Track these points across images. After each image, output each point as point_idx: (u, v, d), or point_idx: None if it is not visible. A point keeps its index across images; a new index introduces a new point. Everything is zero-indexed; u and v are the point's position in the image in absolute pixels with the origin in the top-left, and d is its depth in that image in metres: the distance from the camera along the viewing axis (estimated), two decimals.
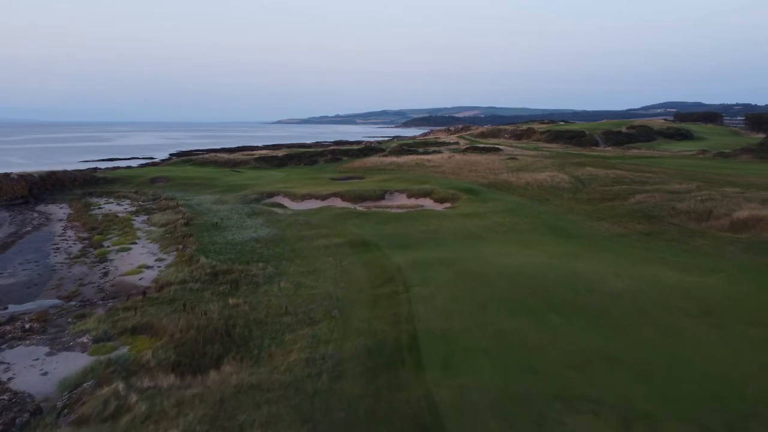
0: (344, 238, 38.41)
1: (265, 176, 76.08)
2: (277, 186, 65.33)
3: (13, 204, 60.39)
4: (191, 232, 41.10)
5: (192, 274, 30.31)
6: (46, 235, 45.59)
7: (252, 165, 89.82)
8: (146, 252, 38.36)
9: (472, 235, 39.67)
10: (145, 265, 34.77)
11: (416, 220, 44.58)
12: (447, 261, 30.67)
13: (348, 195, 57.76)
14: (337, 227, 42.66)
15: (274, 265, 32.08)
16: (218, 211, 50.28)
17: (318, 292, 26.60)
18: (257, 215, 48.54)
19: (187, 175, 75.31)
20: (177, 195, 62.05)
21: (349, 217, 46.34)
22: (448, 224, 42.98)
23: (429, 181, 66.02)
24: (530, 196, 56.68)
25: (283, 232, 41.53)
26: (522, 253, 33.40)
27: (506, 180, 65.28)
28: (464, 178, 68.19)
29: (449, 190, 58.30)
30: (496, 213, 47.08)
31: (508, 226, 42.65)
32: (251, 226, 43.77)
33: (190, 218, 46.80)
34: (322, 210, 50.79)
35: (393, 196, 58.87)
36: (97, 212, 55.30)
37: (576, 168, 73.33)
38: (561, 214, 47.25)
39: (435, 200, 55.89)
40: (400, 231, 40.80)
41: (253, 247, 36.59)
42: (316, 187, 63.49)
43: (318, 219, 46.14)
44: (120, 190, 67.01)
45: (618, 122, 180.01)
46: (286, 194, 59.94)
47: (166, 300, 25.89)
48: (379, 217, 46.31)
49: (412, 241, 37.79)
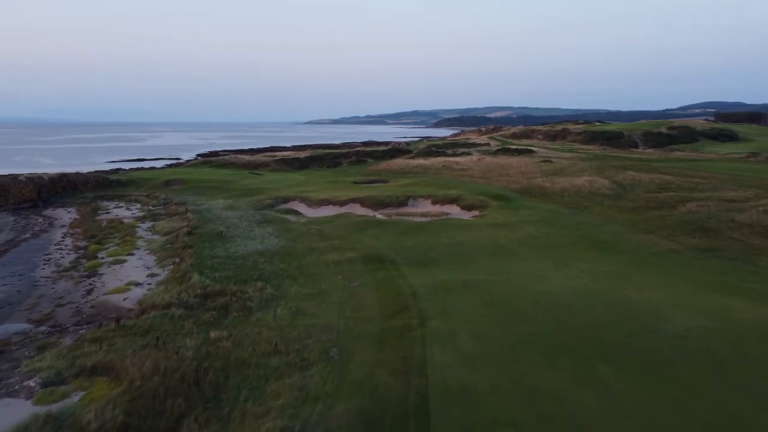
0: (358, 252, 34.41)
1: (284, 179, 72.60)
2: (294, 190, 61.72)
3: (21, 208, 58.04)
4: (192, 243, 37.60)
5: (180, 296, 26.65)
6: (43, 243, 42.71)
7: (272, 167, 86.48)
8: (141, 265, 34.97)
9: (502, 249, 35.26)
10: (135, 281, 31.30)
11: (440, 231, 40.33)
12: (472, 284, 26.39)
13: (368, 201, 53.77)
14: (352, 239, 38.69)
15: (274, 285, 28.23)
16: (227, 218, 46.81)
17: (318, 323, 22.62)
18: (268, 223, 44.89)
19: (204, 178, 72.27)
20: (189, 199, 58.93)
21: (367, 227, 42.31)
22: (475, 236, 38.64)
23: (456, 185, 61.59)
24: (567, 204, 51.83)
25: (292, 244, 37.73)
26: (560, 274, 28.88)
27: (540, 185, 60.43)
28: (494, 183, 63.57)
29: (478, 196, 53.83)
30: (528, 223, 42.51)
31: (543, 238, 38.08)
32: (259, 236, 40.10)
33: (196, 226, 43.40)
34: (339, 218, 46.88)
35: (417, 202, 54.65)
36: (104, 217, 52.46)
37: (616, 172, 67.96)
38: (602, 224, 42.41)
39: (462, 207, 51.49)
40: (422, 244, 36.63)
41: (255, 262, 32.82)
42: (335, 192, 59.69)
43: (332, 228, 42.23)
44: (132, 194, 64.26)
45: (657, 122, 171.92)
46: (303, 199, 56.25)
47: (140, 330, 22.22)
48: (400, 227, 42.17)
49: (434, 256, 33.59)
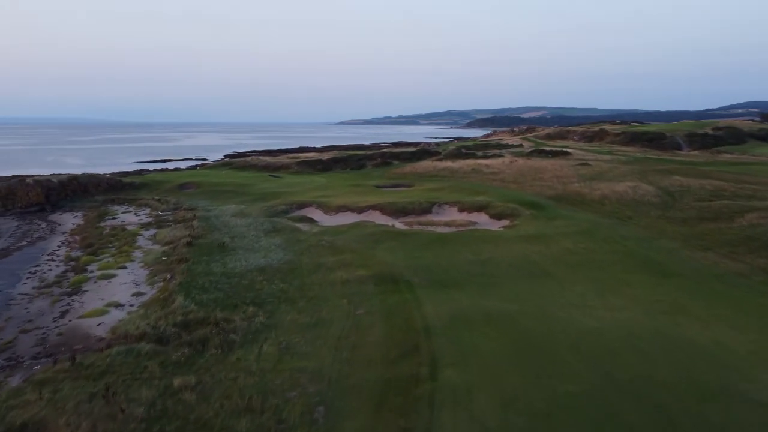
0: (370, 270, 30.35)
1: (304, 182, 69.00)
2: (312, 195, 58.00)
3: (29, 212, 55.73)
4: (189, 256, 34.08)
5: (157, 324, 23.01)
6: (37, 252, 39.84)
7: (294, 169, 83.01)
8: (129, 281, 31.56)
9: (535, 268, 30.75)
10: (117, 302, 27.83)
11: (465, 245, 35.97)
12: (497, 316, 22.08)
13: (389, 208, 49.65)
14: (366, 253, 34.63)
15: (267, 312, 24.38)
16: (234, 227, 43.29)
17: (308, 366, 18.64)
18: (277, 233, 41.18)
19: (220, 181, 69.20)
20: (200, 204, 55.76)
21: (384, 239, 38.19)
22: (504, 251, 34.17)
23: (485, 191, 57.00)
24: (608, 213, 46.81)
25: (298, 258, 33.88)
26: (604, 304, 24.31)
27: (577, 191, 55.42)
28: (527, 189, 58.75)
29: (508, 203, 49.19)
30: (565, 236, 37.79)
31: (582, 254, 33.38)
32: (264, 248, 36.38)
33: (198, 235, 39.97)
34: (355, 227, 42.88)
35: (441, 209, 50.29)
36: (109, 223, 49.58)
37: (661, 177, 62.42)
38: (650, 238, 37.44)
39: (491, 216, 46.96)
40: (443, 260, 32.35)
41: (252, 281, 29.05)
42: (355, 197, 55.76)
43: (346, 240, 38.25)
44: (144, 197, 61.49)
45: (700, 123, 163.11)
46: (320, 205, 52.46)
47: (96, 372, 18.57)
48: (420, 239, 37.94)
49: (456, 276, 29.29)
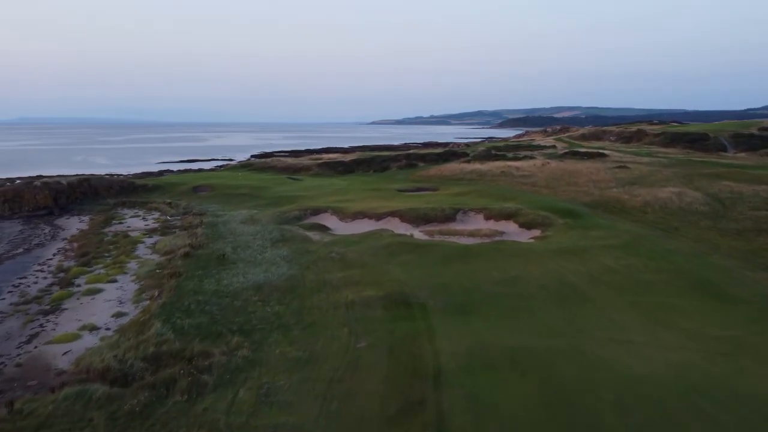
0: (381, 290, 26.75)
1: (323, 185, 65.72)
2: (329, 200, 54.64)
3: (36, 215, 53.71)
4: (183, 269, 30.96)
5: (124, 356, 19.85)
6: (29, 261, 37.37)
7: (314, 171, 79.87)
8: (114, 299, 28.58)
9: (570, 290, 26.71)
10: (93, 325, 24.81)
11: (490, 260, 32.04)
12: (525, 357, 18.25)
13: (409, 215, 45.94)
14: (378, 268, 31.01)
15: (254, 343, 20.99)
16: (240, 235, 40.15)
17: (287, 422, 15.14)
18: (285, 242, 37.88)
19: (235, 184, 66.40)
20: (211, 209, 52.93)
21: (400, 251, 34.50)
22: (534, 268, 30.15)
23: (515, 196, 52.81)
24: (651, 223, 42.28)
25: (302, 274, 30.47)
26: (654, 340, 20.24)
27: (616, 197, 50.82)
28: (560, 194, 54.33)
29: (540, 210, 44.97)
30: (604, 250, 33.53)
31: (624, 273, 29.16)
32: (267, 260, 33.08)
33: (200, 245, 36.94)
34: (370, 237, 39.31)
35: (466, 217, 46.35)
36: (113, 229, 47.05)
37: (709, 182, 57.33)
38: (702, 254, 32.98)
39: (520, 225, 42.84)
40: (464, 278, 28.52)
41: (246, 302, 25.72)
42: (375, 202, 52.22)
43: (358, 252, 34.71)
44: (155, 201, 59.03)
45: (745, 123, 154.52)
46: (335, 211, 49.04)
47: (31, 426, 15.40)
48: (440, 252, 34.12)
49: (478, 299, 25.47)
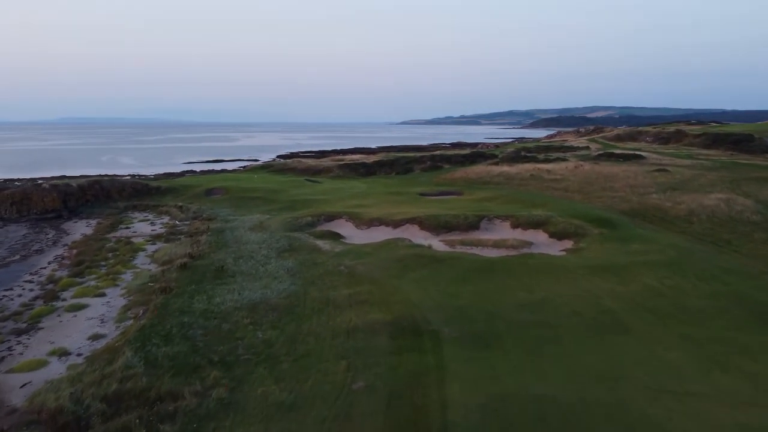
0: (389, 312, 23.55)
1: (342, 189, 62.79)
2: (346, 204, 51.63)
3: (44, 218, 51.94)
4: (174, 284, 28.24)
5: (83, 395, 17.10)
6: (22, 270, 35.25)
7: (334, 173, 77.08)
8: (96, 317, 26.00)
9: (607, 317, 23.05)
10: (64, 349, 22.17)
11: (515, 276, 28.52)
12: (554, 412, 14.82)
13: (429, 222, 42.60)
14: (389, 285, 27.79)
15: (235, 379, 17.99)
16: (246, 243, 37.38)
17: None
18: (292, 252, 34.95)
19: (251, 186, 63.94)
20: (222, 213, 50.43)
21: (415, 265, 31.21)
22: (566, 288, 26.54)
23: (545, 202, 49.00)
24: (698, 235, 38.14)
25: (305, 290, 27.44)
26: (714, 390, 16.55)
27: (657, 205, 46.60)
28: (595, 200, 50.29)
29: (572, 219, 41.17)
30: (646, 267, 29.65)
31: (671, 298, 25.32)
32: (269, 274, 30.15)
33: (200, 254, 34.28)
34: (385, 247, 36.12)
35: (491, 225, 42.79)
36: (118, 234, 44.89)
37: (759, 187, 52.68)
38: (761, 274, 28.85)
39: (550, 235, 39.15)
40: (485, 300, 25.11)
41: (235, 325, 22.77)
42: (394, 207, 49.02)
43: (369, 265, 31.53)
44: (167, 204, 56.91)
45: None
46: (351, 217, 45.96)
47: None
48: (460, 266, 30.70)
49: (500, 327, 22.02)
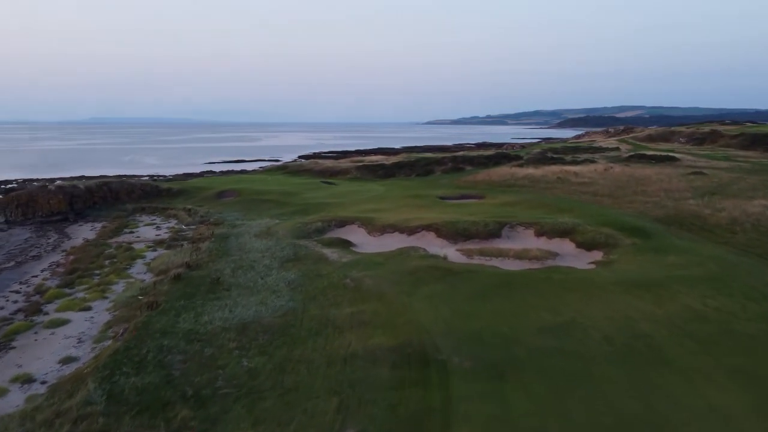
0: (393, 336, 20.89)
1: (358, 191, 60.26)
2: (360, 209, 49.09)
3: (50, 221, 50.47)
4: (163, 299, 25.94)
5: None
6: (13, 278, 33.48)
7: (352, 175, 74.60)
8: (75, 335, 23.84)
9: (643, 345, 19.97)
10: (29, 376, 19.93)
11: (539, 294, 25.56)
12: None
13: (447, 229, 39.78)
14: (397, 302, 25.11)
15: (206, 421, 15.47)
16: (249, 252, 35.05)
17: None
18: (296, 262, 32.49)
19: (264, 189, 61.76)
20: (230, 217, 48.28)
21: (428, 279, 28.42)
22: (595, 309, 23.49)
23: (572, 208, 45.77)
24: (742, 246, 34.60)
25: (304, 307, 24.92)
26: None
27: (694, 211, 43.04)
28: (626, 206, 46.86)
29: (602, 227, 37.94)
30: (685, 283, 26.40)
31: (716, 322, 22.06)
32: (267, 287, 27.71)
33: (198, 264, 32.04)
34: (397, 257, 33.44)
35: (514, 232, 39.78)
36: (120, 239, 43.05)
37: None
38: None
39: (578, 245, 36.02)
40: (503, 322, 22.25)
41: (219, 350, 20.31)
42: (410, 212, 46.29)
43: (378, 278, 28.86)
44: (176, 207, 55.07)
45: None
46: (364, 223, 43.36)
47: None
48: (477, 281, 27.84)
49: (519, 357, 19.15)
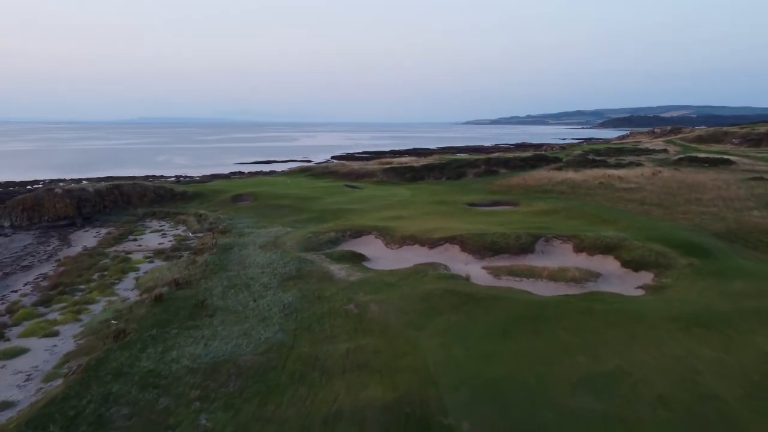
0: (391, 388, 16.85)
1: (382, 196, 56.28)
2: (380, 216, 45.13)
3: (56, 226, 48.16)
4: (135, 326, 22.52)
5: None
6: None
7: (378, 178, 70.68)
8: (27, 370, 20.51)
9: (711, 409, 15.35)
10: None
11: (575, 330, 21.01)
12: None
13: (473, 242, 35.45)
14: (403, 339, 21.01)
15: None
16: (249, 266, 31.48)
17: None
18: (298, 281, 28.73)
19: (283, 193, 58.37)
20: (241, 224, 44.93)
21: (445, 305, 24.20)
22: (645, 354, 18.82)
23: (617, 219, 40.80)
24: None
25: (293, 341, 21.11)
26: None
27: (761, 225, 37.50)
28: (679, 217, 41.54)
29: (652, 243, 33.00)
30: (759, 319, 21.43)
31: None
32: (258, 312, 24.03)
33: (188, 281, 28.60)
34: (413, 275, 29.32)
35: (550, 247, 35.19)
36: (121, 247, 40.17)
37: None
38: None
39: (623, 263, 31.21)
40: (529, 370, 17.85)
41: (177, 401, 16.63)
42: (435, 221, 42.12)
43: (386, 304, 24.82)
44: (188, 212, 52.12)
45: None
46: (382, 233, 39.38)
47: None
48: (502, 309, 23.47)
49: (546, 419, 14.78)
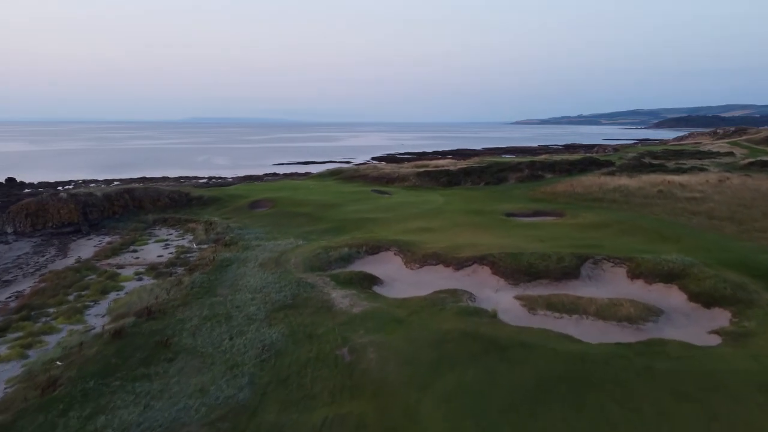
0: None
1: (412, 203, 51.18)
2: (407, 227, 40.13)
3: (60, 233, 45.11)
4: (72, 372, 18.36)
5: None
6: None
7: (410, 182, 65.56)
8: None
9: None
10: None
11: (628, 403, 15.55)
12: None
13: (506, 263, 30.01)
14: (399, 407, 16.02)
15: None
16: (240, 291, 27.06)
17: None
18: (290, 311, 24.09)
19: (304, 198, 54.02)
20: (250, 235, 40.72)
21: (461, 355, 19.03)
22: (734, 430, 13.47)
23: (680, 236, 34.57)
24: None
25: (256, 406, 16.40)
26: None
27: None
28: (757, 235, 34.86)
29: (726, 270, 26.89)
30: None
31: None
32: (228, 357, 19.50)
33: (162, 309, 24.33)
34: (429, 308, 24.25)
35: (598, 270, 29.44)
36: (113, 261, 36.50)
37: None
38: None
39: (691, 297, 25.28)
40: None
41: None
42: (466, 235, 36.87)
43: (388, 349, 19.84)
44: (200, 219, 48.29)
45: None
46: (403, 249, 34.38)
47: None
48: (533, 365, 18.07)
49: None
